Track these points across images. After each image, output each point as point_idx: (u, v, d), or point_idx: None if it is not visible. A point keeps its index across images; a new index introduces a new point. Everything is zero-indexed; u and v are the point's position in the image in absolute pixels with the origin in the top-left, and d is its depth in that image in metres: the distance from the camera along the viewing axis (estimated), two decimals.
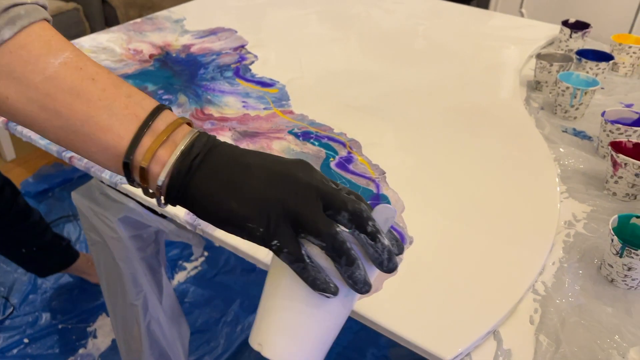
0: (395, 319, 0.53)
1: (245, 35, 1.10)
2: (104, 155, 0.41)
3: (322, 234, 0.38)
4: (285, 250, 0.38)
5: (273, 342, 0.40)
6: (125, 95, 0.41)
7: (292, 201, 0.39)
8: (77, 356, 1.37)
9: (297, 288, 0.40)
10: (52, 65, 0.40)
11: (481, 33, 1.18)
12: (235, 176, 0.40)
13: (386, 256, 0.40)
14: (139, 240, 0.82)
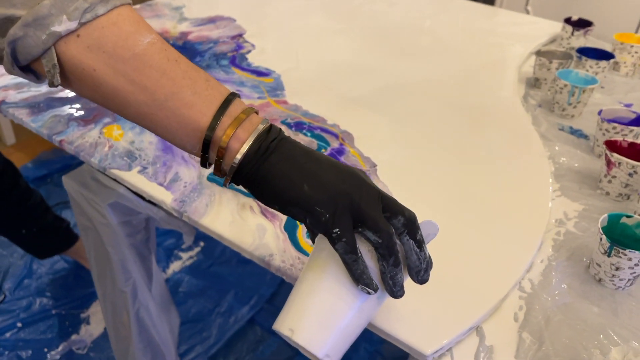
0: (378, 313, 0.52)
1: (244, 24, 1.09)
2: (184, 130, 0.43)
3: (381, 230, 0.42)
4: (344, 240, 0.41)
5: (306, 328, 0.41)
6: (204, 79, 0.44)
7: (358, 196, 0.42)
8: (69, 342, 1.37)
9: (341, 280, 0.43)
10: (141, 44, 0.42)
11: (483, 29, 1.17)
12: (309, 164, 0.43)
13: (424, 266, 0.44)
14: (128, 226, 0.81)
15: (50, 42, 0.39)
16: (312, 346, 0.41)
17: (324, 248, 0.44)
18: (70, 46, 0.40)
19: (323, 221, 0.41)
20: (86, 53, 0.40)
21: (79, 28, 0.40)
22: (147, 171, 0.69)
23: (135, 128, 0.76)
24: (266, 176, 0.43)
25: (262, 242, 0.59)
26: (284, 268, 0.56)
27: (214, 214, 0.63)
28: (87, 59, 0.41)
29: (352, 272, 0.42)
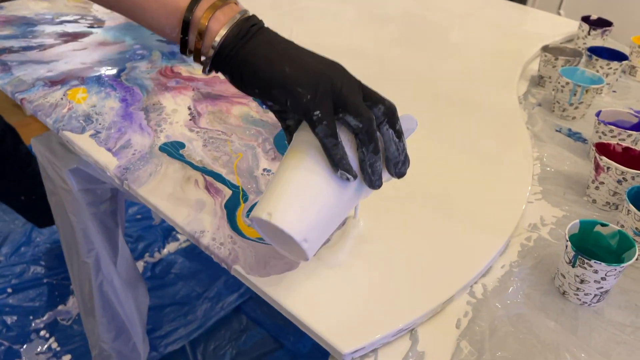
0: (302, 304, 0.47)
1: (243, 1, 1.06)
2: (164, 11, 0.44)
3: (362, 115, 0.42)
4: (324, 123, 0.42)
5: (284, 211, 0.41)
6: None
7: (339, 81, 0.43)
8: (55, 312, 1.37)
9: (321, 166, 0.43)
10: None
11: (496, 23, 1.10)
12: (290, 49, 0.43)
13: (402, 158, 0.45)
14: (90, 194, 0.79)
15: None
16: (290, 229, 0.41)
17: (302, 140, 0.45)
18: None
19: (304, 102, 0.41)
20: None
21: None
22: (100, 135, 0.66)
23: (101, 92, 0.74)
24: (247, 59, 0.43)
25: (197, 217, 0.55)
26: (212, 246, 0.52)
27: (155, 184, 0.59)
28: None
29: (331, 157, 0.42)
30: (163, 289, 1.44)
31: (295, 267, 0.50)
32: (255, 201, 0.58)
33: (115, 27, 0.91)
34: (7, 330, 1.31)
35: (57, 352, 1.27)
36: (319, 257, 0.52)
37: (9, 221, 1.61)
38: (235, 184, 0.60)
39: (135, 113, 0.70)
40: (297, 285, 0.49)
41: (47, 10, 0.96)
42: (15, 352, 1.27)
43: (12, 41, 0.84)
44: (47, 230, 1.57)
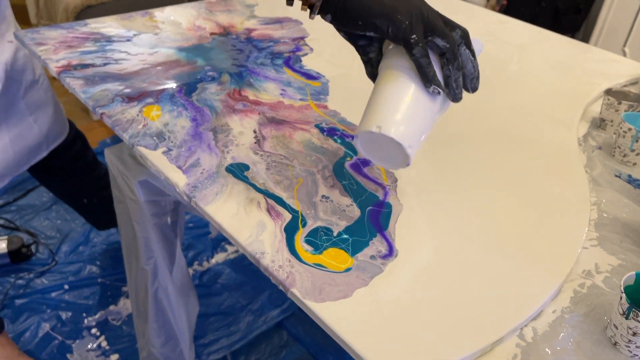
0: (354, 332, 0.49)
1: (309, 28, 1.10)
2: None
3: (448, 36, 0.52)
4: (420, 45, 0.51)
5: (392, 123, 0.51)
6: None
7: (426, 9, 0.53)
8: (107, 311, 1.43)
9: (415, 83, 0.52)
10: None
11: (561, 62, 1.10)
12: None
13: (476, 74, 0.55)
14: (155, 206, 0.83)
15: None
16: (401, 138, 0.51)
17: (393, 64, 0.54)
18: None
19: (404, 27, 0.51)
20: None
21: None
22: (171, 153, 0.70)
23: (174, 111, 0.78)
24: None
25: (258, 238, 0.58)
26: (271, 268, 0.55)
27: (221, 203, 0.62)
28: None
29: (425, 75, 0.51)
30: (209, 298, 1.48)
31: (350, 295, 0.53)
32: (314, 227, 0.60)
33: (187, 48, 0.97)
34: (61, 325, 1.38)
35: (106, 351, 1.33)
36: (375, 288, 0.54)
37: (70, 220, 1.70)
38: (295, 208, 0.63)
39: (205, 133, 0.74)
40: (350, 313, 0.51)
41: (126, 28, 1.03)
42: (68, 347, 1.33)
43: (94, 57, 0.90)
44: (104, 232, 1.65)
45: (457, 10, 1.32)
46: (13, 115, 1.07)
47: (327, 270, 0.55)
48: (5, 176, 1.09)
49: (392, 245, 0.59)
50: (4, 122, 1.05)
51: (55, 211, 1.73)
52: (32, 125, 1.12)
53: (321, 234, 0.59)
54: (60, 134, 1.21)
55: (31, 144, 1.12)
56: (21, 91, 1.08)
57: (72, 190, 1.40)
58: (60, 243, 1.62)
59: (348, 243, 0.59)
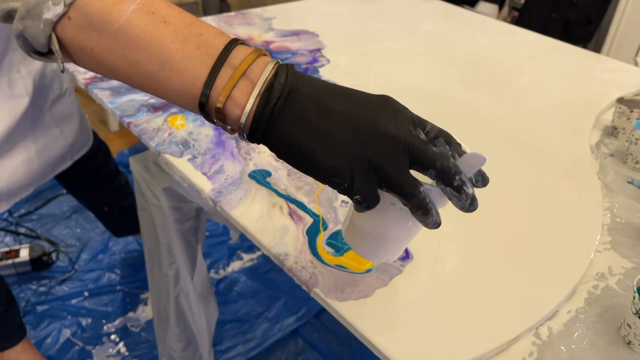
0: (375, 330, 0.51)
1: (326, 39, 1.13)
2: (182, 99, 0.41)
3: (407, 195, 0.39)
4: (365, 205, 0.41)
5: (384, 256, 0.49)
6: (197, 35, 0.40)
7: (378, 158, 0.39)
8: (126, 318, 1.46)
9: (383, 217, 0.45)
10: (125, 13, 0.40)
11: (571, 71, 1.11)
12: (321, 125, 0.39)
13: (468, 203, 0.41)
14: (178, 212, 0.86)
15: (48, 29, 0.40)
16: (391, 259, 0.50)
17: None
18: (66, 30, 0.40)
19: (342, 190, 0.40)
20: (80, 34, 0.40)
21: (68, 10, 0.40)
22: (196, 160, 0.73)
23: (197, 120, 0.81)
24: (278, 142, 0.40)
25: (282, 241, 0.61)
26: (295, 269, 0.57)
27: (245, 208, 0.65)
28: (83, 39, 0.40)
29: None
30: (225, 305, 1.50)
31: (370, 294, 0.55)
32: (334, 230, 0.63)
33: None
34: (81, 331, 1.41)
35: (125, 357, 1.35)
36: (394, 288, 0.56)
37: (90, 229, 1.73)
38: (316, 212, 0.65)
39: (227, 141, 0.77)
40: (372, 311, 0.53)
41: None
42: (88, 353, 1.36)
43: None
44: (123, 241, 1.68)
45: (468, 22, 1.34)
46: (39, 127, 1.10)
47: (349, 271, 0.57)
48: (30, 186, 1.13)
49: (407, 248, 0.61)
50: (30, 133, 1.09)
51: (74, 220, 1.77)
52: (57, 136, 1.15)
53: (342, 237, 0.62)
54: (84, 145, 1.24)
55: (56, 155, 1.15)
56: (48, 104, 1.12)
57: (93, 198, 1.44)
58: (80, 251, 1.65)
59: None
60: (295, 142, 0.39)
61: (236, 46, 0.40)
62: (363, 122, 0.39)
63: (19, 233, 1.69)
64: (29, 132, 1.08)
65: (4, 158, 1.04)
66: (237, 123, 0.40)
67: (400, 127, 0.39)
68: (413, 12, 1.37)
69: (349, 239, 0.49)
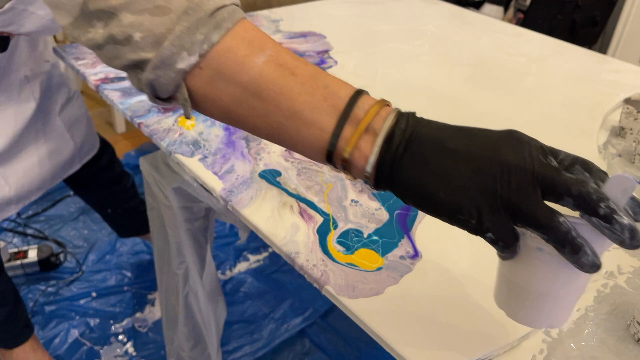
0: (387, 326, 0.52)
1: (333, 41, 1.14)
2: (309, 149, 0.43)
3: (542, 226, 0.36)
4: (501, 244, 0.38)
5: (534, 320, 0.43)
6: (323, 87, 0.42)
7: (505, 191, 0.37)
8: (133, 318, 1.47)
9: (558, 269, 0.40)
10: (257, 65, 0.41)
11: (577, 72, 1.12)
12: (441, 165, 0.39)
13: (627, 235, 0.36)
14: (188, 212, 0.87)
15: (179, 79, 0.42)
16: None
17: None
18: (196, 79, 0.42)
19: (470, 227, 0.38)
20: (210, 84, 0.42)
21: (200, 61, 0.41)
22: (207, 160, 0.73)
23: (207, 121, 0.82)
24: (402, 187, 0.40)
25: (293, 239, 0.61)
26: (306, 267, 0.58)
27: (256, 207, 0.66)
28: (212, 89, 0.42)
29: None
30: (232, 306, 1.51)
31: (382, 292, 0.55)
32: (345, 229, 0.63)
33: None
34: (90, 331, 1.42)
35: (133, 357, 1.36)
36: (405, 286, 0.56)
37: (97, 230, 1.74)
38: (326, 211, 0.66)
39: (237, 141, 0.77)
40: (383, 309, 0.54)
41: None
42: (96, 353, 1.37)
43: None
44: (130, 242, 1.69)
45: (473, 23, 1.35)
46: (51, 131, 1.11)
47: (359, 269, 0.58)
48: (39, 189, 1.13)
49: (415, 246, 0.61)
50: (42, 137, 1.09)
51: (82, 221, 1.78)
52: (68, 140, 1.16)
53: (352, 236, 0.62)
54: (92, 148, 1.25)
55: (65, 158, 1.16)
56: (57, 108, 1.13)
57: (97, 200, 1.44)
58: (87, 252, 1.66)
59: (378, 244, 0.61)
60: (416, 183, 0.39)
61: (360, 97, 0.42)
62: (485, 157, 0.38)
63: (27, 234, 1.70)
64: (40, 136, 1.09)
65: (13, 162, 1.05)
66: (363, 172, 0.41)
67: (527, 156, 0.37)
68: (418, 13, 1.38)
69: (501, 302, 0.44)
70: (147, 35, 0.40)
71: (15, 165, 1.05)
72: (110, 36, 0.41)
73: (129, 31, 0.41)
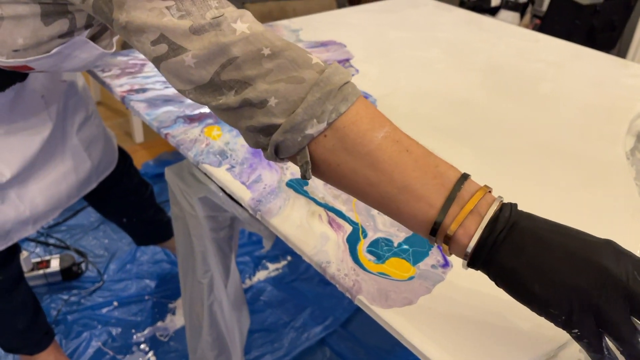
0: (422, 336, 0.52)
1: (353, 50, 1.14)
2: (414, 221, 0.46)
3: (624, 341, 0.39)
4: (586, 341, 0.40)
5: None
6: (434, 165, 0.45)
7: (597, 295, 0.38)
8: (154, 328, 1.47)
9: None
10: (376, 139, 0.45)
11: (601, 78, 1.11)
12: (539, 257, 0.41)
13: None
14: (213, 221, 0.87)
15: (304, 143, 0.46)
16: None
17: None
18: (319, 145, 0.46)
19: (559, 322, 0.41)
20: (332, 150, 0.46)
21: (327, 128, 0.45)
22: (234, 170, 0.74)
23: (233, 131, 0.83)
24: (498, 270, 0.43)
25: (323, 249, 0.61)
26: (338, 276, 0.58)
27: (285, 216, 0.66)
28: (333, 155, 0.46)
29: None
30: (252, 315, 1.51)
31: (415, 301, 0.55)
32: (374, 237, 0.63)
33: None
34: (112, 340, 1.43)
35: None
36: (438, 296, 0.56)
37: (117, 239, 1.76)
38: (355, 220, 0.66)
39: None
40: (416, 318, 0.53)
41: None
42: None
43: (154, 82, 0.96)
44: (150, 251, 1.70)
45: (489, 29, 1.35)
46: (68, 151, 1.11)
47: (391, 279, 0.58)
48: (56, 209, 1.13)
49: (446, 256, 0.61)
50: (59, 157, 1.09)
51: (102, 231, 1.79)
52: (86, 159, 1.16)
53: (382, 245, 0.62)
54: (109, 165, 1.25)
55: (82, 178, 1.16)
56: (75, 127, 1.12)
57: (113, 210, 1.44)
58: (108, 261, 1.67)
59: (409, 253, 0.61)
60: (513, 270, 0.42)
61: (467, 180, 0.45)
62: (583, 259, 0.40)
63: (49, 244, 1.72)
64: (57, 157, 1.09)
65: (30, 183, 1.05)
66: (464, 249, 0.44)
67: (622, 270, 0.39)
68: (435, 21, 1.38)
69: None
70: (281, 102, 0.45)
71: (31, 185, 1.05)
72: (244, 100, 0.45)
73: (264, 96, 0.45)
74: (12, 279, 1.15)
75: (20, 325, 1.18)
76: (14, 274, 1.15)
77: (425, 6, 1.49)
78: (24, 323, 1.18)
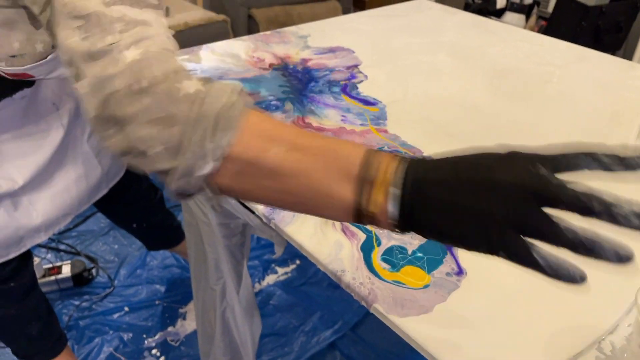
0: (439, 345, 0.52)
1: (361, 55, 1.15)
2: (339, 217, 0.46)
3: (547, 237, 0.37)
4: (515, 259, 0.39)
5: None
6: (334, 159, 0.45)
7: (503, 213, 0.38)
8: (165, 332, 1.48)
9: None
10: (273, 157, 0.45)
11: (611, 81, 1.11)
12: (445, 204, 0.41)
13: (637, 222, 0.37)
14: (226, 228, 0.88)
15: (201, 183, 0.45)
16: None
17: None
18: (219, 176, 0.45)
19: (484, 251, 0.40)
20: (234, 179, 0.45)
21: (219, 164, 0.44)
22: None
23: None
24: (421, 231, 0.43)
25: (338, 257, 0.62)
26: (353, 285, 0.58)
27: (299, 224, 0.66)
28: (237, 183, 0.46)
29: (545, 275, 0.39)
30: (262, 319, 1.50)
31: (431, 310, 0.55)
32: (388, 245, 0.64)
33: (249, 79, 1.02)
34: (123, 346, 1.44)
35: None
36: (453, 304, 0.56)
37: (127, 245, 1.77)
38: (368, 228, 0.66)
39: None
40: (432, 327, 0.54)
41: (189, 62, 1.09)
42: None
43: None
44: (160, 256, 1.71)
45: (495, 32, 1.35)
46: (79, 158, 1.11)
47: (406, 287, 0.58)
48: (67, 215, 1.13)
49: (460, 263, 0.61)
50: (70, 164, 1.10)
51: (112, 236, 1.80)
52: (96, 166, 1.17)
53: (396, 253, 0.63)
54: (119, 171, 1.26)
55: (93, 184, 1.16)
56: (86, 134, 1.13)
57: (123, 215, 1.45)
58: (118, 267, 1.68)
59: (423, 261, 0.62)
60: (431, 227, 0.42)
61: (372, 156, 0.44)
62: (480, 184, 0.39)
63: (60, 250, 1.73)
64: (68, 163, 1.09)
65: (42, 189, 1.05)
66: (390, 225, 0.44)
67: (517, 172, 0.39)
68: (441, 25, 1.38)
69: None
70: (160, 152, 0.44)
71: (43, 192, 1.06)
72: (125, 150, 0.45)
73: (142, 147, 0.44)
74: (26, 285, 1.16)
75: (34, 332, 1.19)
76: (28, 281, 1.16)
77: (430, 10, 1.49)
78: (38, 329, 1.19)
